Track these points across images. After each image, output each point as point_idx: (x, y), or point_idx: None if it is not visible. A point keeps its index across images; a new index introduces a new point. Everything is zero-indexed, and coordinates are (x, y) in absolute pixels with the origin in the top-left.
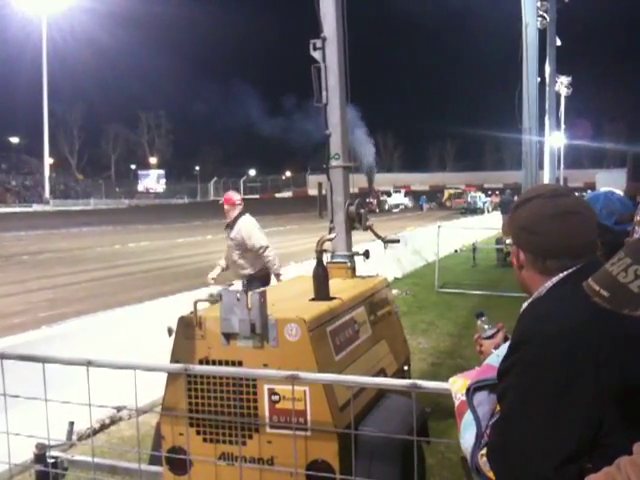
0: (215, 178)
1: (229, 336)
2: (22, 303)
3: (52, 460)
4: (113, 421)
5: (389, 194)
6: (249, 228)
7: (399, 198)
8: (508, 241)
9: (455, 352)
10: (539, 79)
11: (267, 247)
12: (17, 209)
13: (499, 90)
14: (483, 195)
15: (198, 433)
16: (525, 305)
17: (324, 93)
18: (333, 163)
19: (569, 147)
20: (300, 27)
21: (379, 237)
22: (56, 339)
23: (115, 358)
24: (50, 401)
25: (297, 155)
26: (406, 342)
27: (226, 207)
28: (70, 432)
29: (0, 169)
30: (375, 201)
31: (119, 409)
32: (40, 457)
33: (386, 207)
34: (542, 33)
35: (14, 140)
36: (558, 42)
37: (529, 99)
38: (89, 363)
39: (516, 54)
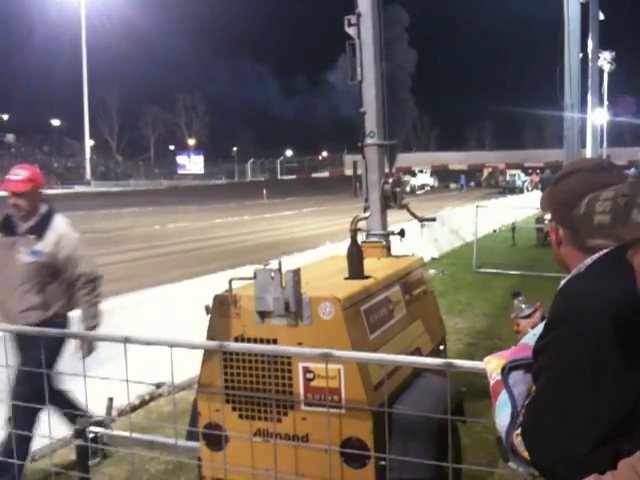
0: (252, 159)
1: (263, 314)
2: None
3: (92, 435)
4: (152, 397)
5: (413, 174)
6: (72, 239)
7: (424, 178)
8: (547, 216)
9: (492, 332)
10: (581, 54)
11: (98, 277)
12: (59, 191)
13: (540, 66)
14: (522, 174)
15: (234, 409)
16: (563, 282)
17: (359, 70)
18: (368, 141)
19: (612, 124)
20: (333, 5)
21: (415, 216)
22: None
23: (153, 335)
24: (90, 377)
25: (334, 135)
26: (442, 322)
27: (16, 197)
28: (109, 408)
29: (42, 151)
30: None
31: (158, 385)
32: (80, 432)
33: (407, 189)
34: (584, 7)
35: (55, 123)
36: (601, 16)
37: (571, 75)
38: (127, 340)
39: (557, 29)
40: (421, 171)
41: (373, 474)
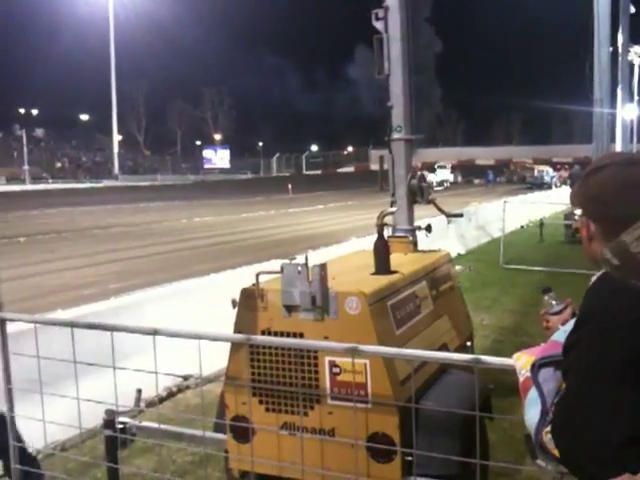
0: (278, 154)
1: (290, 308)
2: (92, 275)
3: (121, 426)
4: (180, 389)
5: (433, 170)
6: None
7: (444, 174)
8: (577, 212)
9: (519, 329)
10: (611, 48)
11: None
12: (88, 185)
13: (569, 61)
14: (550, 169)
15: (260, 403)
16: (594, 279)
17: (386, 64)
18: (395, 136)
19: None
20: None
21: (442, 211)
22: (124, 309)
23: (180, 328)
24: (118, 369)
25: (360, 129)
26: (469, 318)
27: None
28: (138, 399)
29: (71, 146)
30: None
31: (185, 378)
32: (109, 423)
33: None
34: (615, 0)
35: (84, 117)
36: (632, 9)
37: (600, 69)
38: (155, 332)
39: (587, 22)
40: (442, 166)
41: (399, 469)
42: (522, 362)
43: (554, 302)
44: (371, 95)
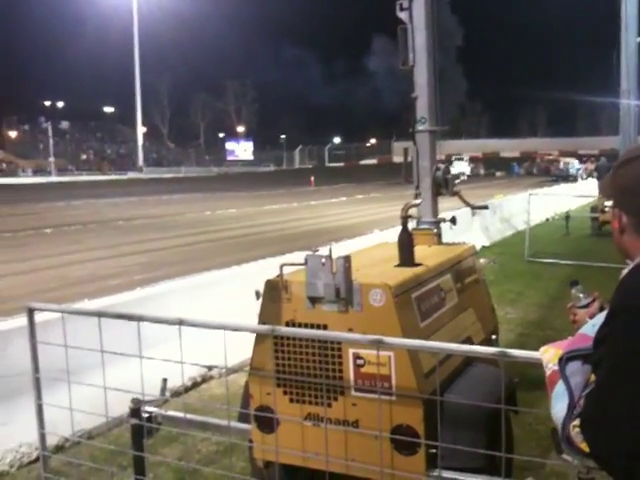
0: (300, 146)
1: (314, 300)
2: (117, 266)
3: (146, 415)
4: (204, 379)
5: (449, 162)
6: None
7: (461, 167)
8: (608, 203)
9: (544, 323)
10: (639, 39)
11: None
12: (113, 177)
13: (595, 52)
14: (576, 162)
15: (285, 393)
16: (625, 272)
17: (411, 55)
18: (419, 127)
19: None
20: None
21: (467, 203)
22: (149, 300)
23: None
24: (144, 358)
25: (382, 122)
26: (494, 311)
27: None
28: (163, 389)
29: (96, 138)
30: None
31: (210, 368)
32: (135, 412)
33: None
34: None
35: (108, 110)
36: None
37: (628, 60)
38: (181, 322)
39: (614, 12)
40: (459, 158)
41: (423, 462)
42: (549, 355)
43: (581, 295)
44: (394, 87)
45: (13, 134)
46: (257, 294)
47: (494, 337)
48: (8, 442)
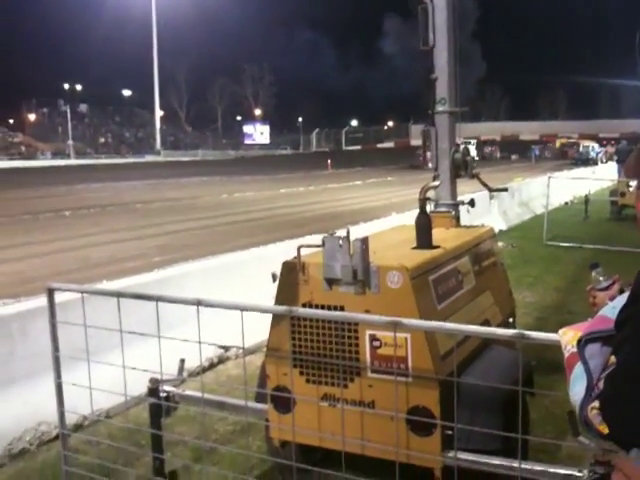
0: (317, 129)
1: (331, 282)
2: (135, 249)
3: (164, 394)
4: (220, 360)
5: (457, 145)
6: None
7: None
8: (633, 184)
9: (562, 307)
10: None
11: None
12: (131, 160)
13: (616, 33)
14: (596, 145)
15: (301, 374)
16: None
17: (431, 35)
18: (439, 108)
19: None
20: None
21: (486, 186)
22: (167, 282)
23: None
24: (163, 338)
25: (400, 105)
26: (512, 294)
27: None
28: (181, 368)
29: (114, 121)
30: (429, 154)
31: (227, 348)
32: (153, 391)
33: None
34: None
35: (127, 93)
36: None
37: None
38: (199, 303)
39: None
40: (467, 142)
41: (439, 443)
42: (568, 337)
43: (602, 278)
44: (411, 68)
45: (32, 117)
46: (273, 276)
47: (511, 320)
48: (28, 420)
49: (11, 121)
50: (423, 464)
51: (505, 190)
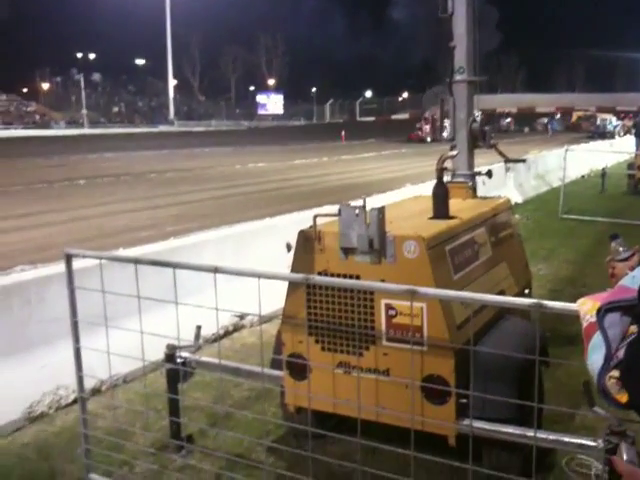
0: (331, 100)
1: (347, 251)
2: (150, 218)
3: (181, 360)
4: (236, 328)
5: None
6: None
7: None
8: None
9: (577, 280)
10: None
11: None
12: (144, 129)
13: (635, 3)
14: (614, 118)
15: (317, 342)
16: None
17: (449, 2)
18: (457, 77)
19: None
20: None
21: (504, 156)
22: (183, 250)
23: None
24: (180, 304)
25: (415, 76)
26: (528, 266)
27: None
28: (197, 335)
29: (128, 91)
30: (429, 127)
31: (242, 317)
32: (170, 357)
33: (445, 136)
34: None
35: (140, 62)
36: None
37: None
38: (216, 270)
39: None
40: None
41: (453, 411)
42: (587, 307)
43: (621, 249)
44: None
45: (46, 86)
46: (288, 247)
47: (527, 292)
48: (46, 385)
49: (25, 90)
50: (437, 432)
51: (523, 161)
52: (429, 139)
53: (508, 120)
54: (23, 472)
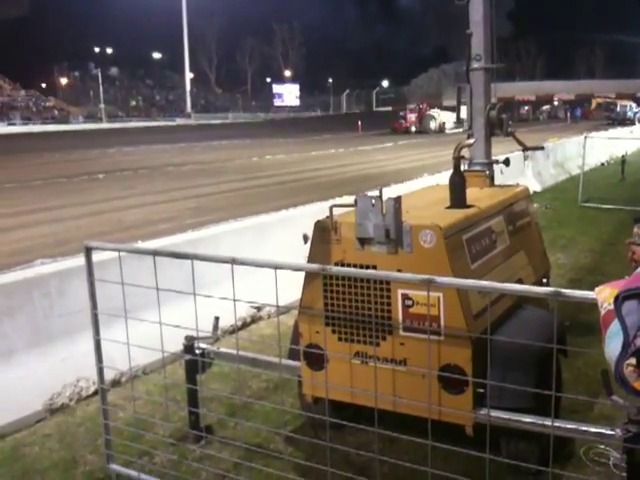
0: (347, 90)
1: (364, 241)
2: (169, 211)
3: (200, 351)
4: (253, 320)
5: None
6: None
7: (444, 116)
8: None
9: (596, 269)
10: None
11: None
12: (162, 123)
13: None
14: (634, 105)
15: (333, 332)
16: None
17: None
18: (474, 65)
19: None
20: None
21: (522, 144)
22: (201, 242)
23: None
24: (199, 295)
25: (432, 64)
26: (546, 255)
27: None
28: (215, 326)
29: (145, 84)
30: (414, 116)
31: (260, 308)
32: (189, 348)
33: (432, 126)
34: None
35: (157, 56)
36: None
37: None
38: (234, 261)
39: None
40: (465, 103)
41: (471, 401)
42: (605, 295)
43: None
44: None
45: (64, 81)
46: (305, 238)
47: (545, 281)
48: (67, 377)
49: (44, 86)
50: (455, 421)
51: (541, 149)
52: (414, 129)
53: (527, 108)
54: (45, 462)
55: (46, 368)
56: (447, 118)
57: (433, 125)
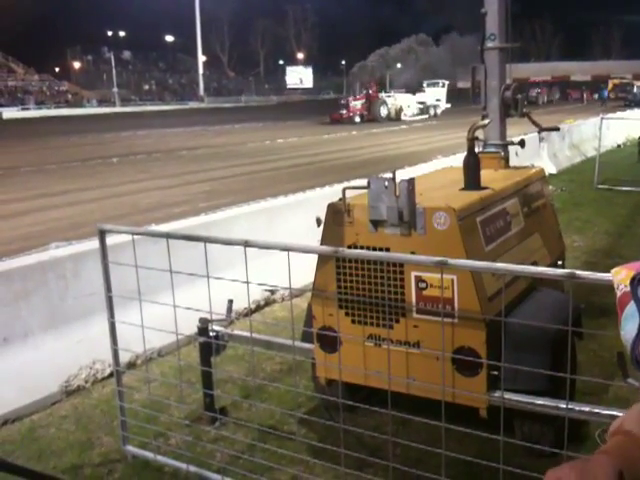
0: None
1: (377, 223)
2: (182, 194)
3: (214, 334)
4: (267, 303)
5: (418, 89)
6: None
7: (436, 94)
8: None
9: (613, 251)
10: None
11: None
12: (175, 107)
13: None
14: None
15: (347, 315)
16: None
17: None
18: (489, 44)
19: None
20: None
21: (537, 125)
22: (214, 225)
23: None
24: (212, 278)
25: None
26: (561, 237)
27: None
28: (229, 309)
29: (158, 68)
30: (359, 103)
31: (273, 291)
32: (203, 330)
33: (382, 114)
34: None
35: (169, 39)
36: None
37: None
38: (246, 243)
39: None
40: (433, 84)
41: (485, 383)
42: (621, 277)
43: None
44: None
45: (77, 65)
46: (318, 221)
47: (560, 263)
48: (83, 359)
49: (57, 69)
50: (469, 404)
51: (557, 129)
52: (358, 119)
53: (538, 90)
54: (61, 443)
55: (62, 350)
56: (408, 102)
57: (384, 112)
